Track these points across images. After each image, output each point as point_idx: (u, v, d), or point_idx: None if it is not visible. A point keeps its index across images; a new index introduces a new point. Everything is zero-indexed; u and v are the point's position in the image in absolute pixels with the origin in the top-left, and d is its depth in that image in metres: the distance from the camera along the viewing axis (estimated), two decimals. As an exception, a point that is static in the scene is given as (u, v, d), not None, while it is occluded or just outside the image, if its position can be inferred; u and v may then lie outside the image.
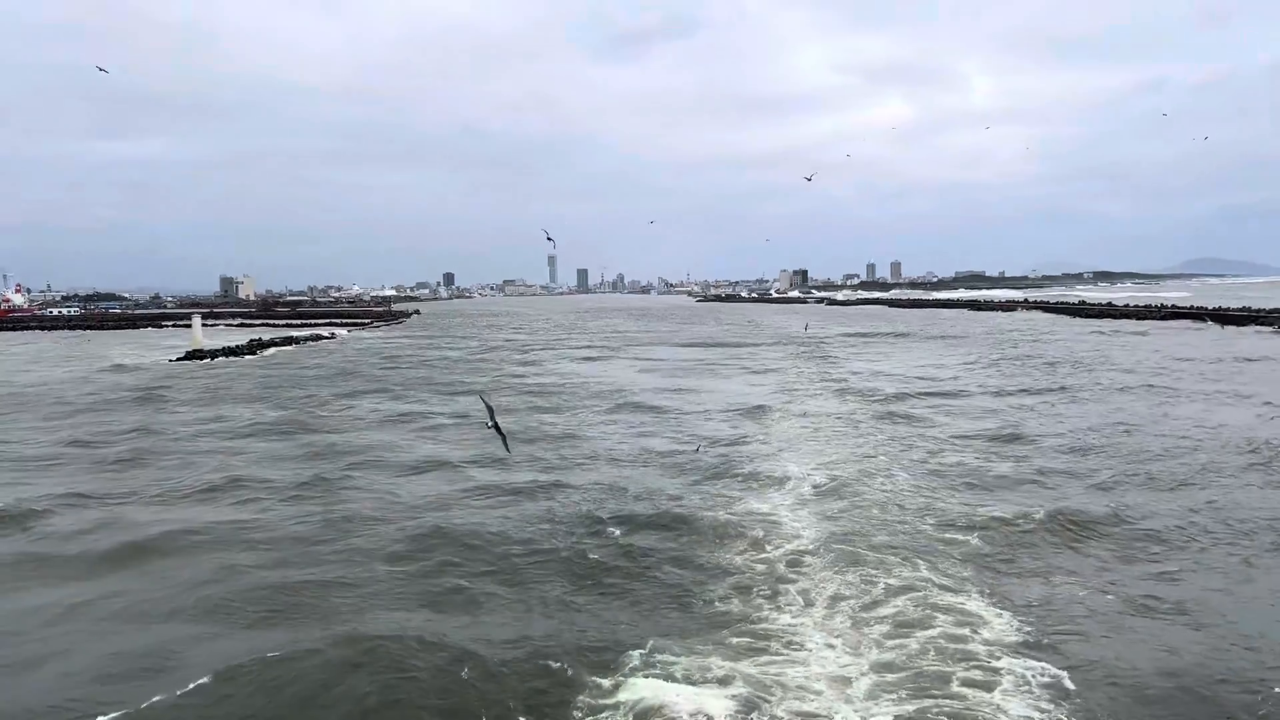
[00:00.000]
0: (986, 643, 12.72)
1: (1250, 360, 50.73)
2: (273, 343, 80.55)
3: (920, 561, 16.13)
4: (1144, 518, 18.77)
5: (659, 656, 12.36)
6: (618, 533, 18.33)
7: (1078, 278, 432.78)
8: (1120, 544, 17.28)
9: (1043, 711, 10.79)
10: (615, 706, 11.07)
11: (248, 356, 69.74)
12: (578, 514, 19.86)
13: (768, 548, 17.23)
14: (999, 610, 13.88)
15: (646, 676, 11.79)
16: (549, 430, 31.74)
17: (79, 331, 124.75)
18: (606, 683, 11.65)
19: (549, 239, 48.50)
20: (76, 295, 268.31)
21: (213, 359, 66.17)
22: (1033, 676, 11.64)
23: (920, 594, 14.59)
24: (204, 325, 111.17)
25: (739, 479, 23.23)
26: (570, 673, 11.94)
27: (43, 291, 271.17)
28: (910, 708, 10.92)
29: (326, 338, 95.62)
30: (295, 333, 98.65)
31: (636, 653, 12.45)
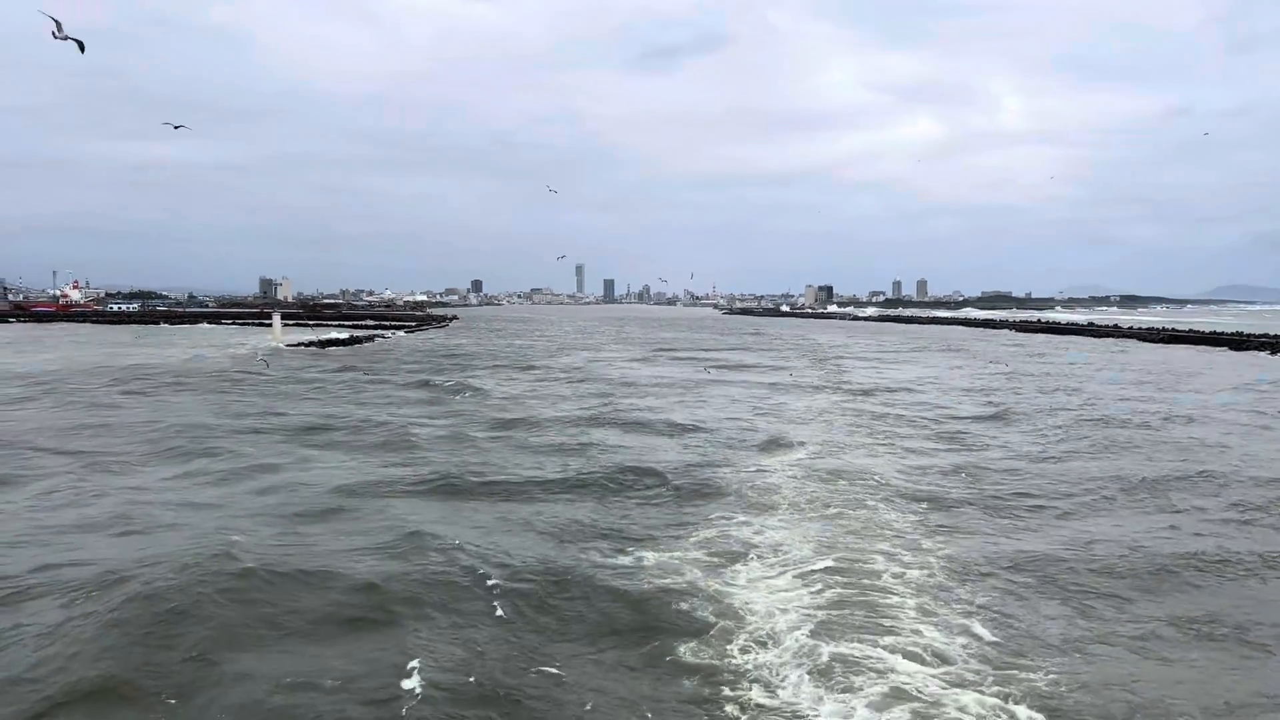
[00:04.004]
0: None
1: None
2: (337, 341, 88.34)
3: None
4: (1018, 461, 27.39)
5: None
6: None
7: (1104, 301, 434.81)
8: (1001, 477, 25.63)
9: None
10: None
11: (341, 348, 79.85)
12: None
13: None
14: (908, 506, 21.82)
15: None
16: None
17: (146, 325, 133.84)
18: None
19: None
20: (120, 293, 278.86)
21: (322, 347, 77.65)
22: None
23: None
24: (253, 325, 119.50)
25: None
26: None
27: (82, 290, 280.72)
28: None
29: (385, 337, 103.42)
30: (356, 332, 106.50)
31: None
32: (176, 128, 39.08)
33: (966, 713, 11.34)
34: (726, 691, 11.98)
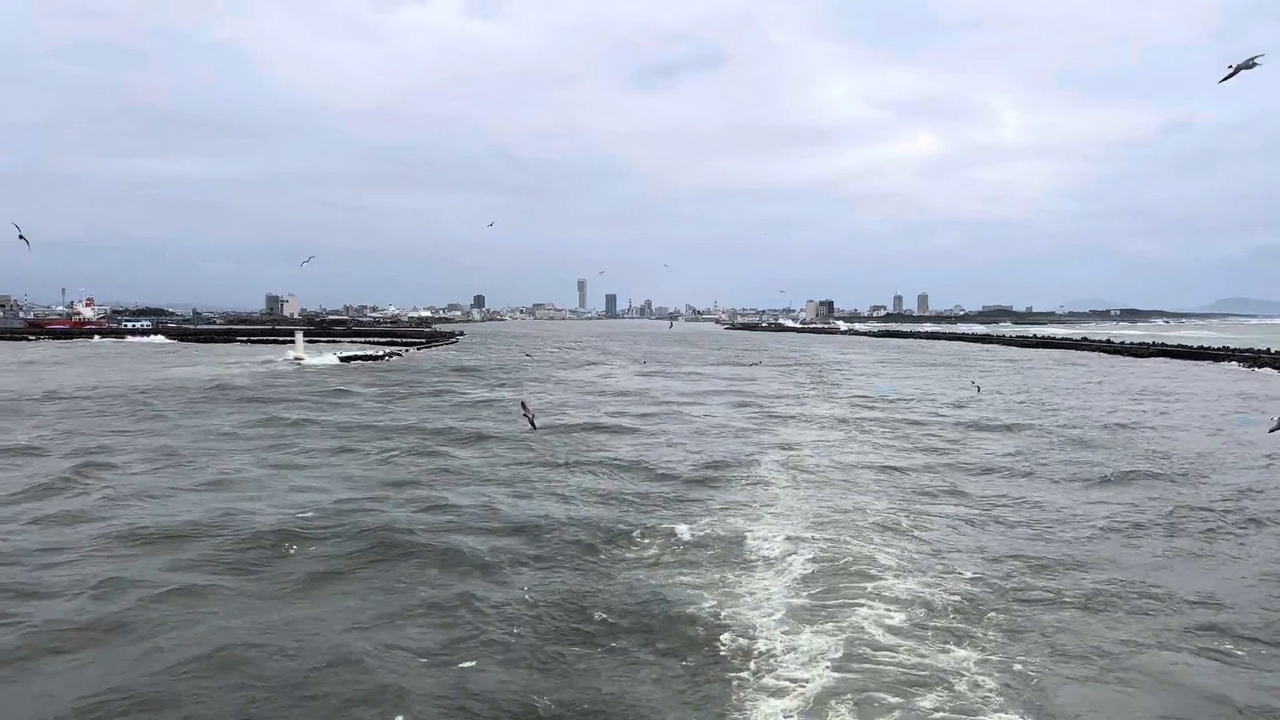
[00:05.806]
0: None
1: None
2: (358, 357, 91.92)
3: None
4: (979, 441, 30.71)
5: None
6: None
7: (1105, 315, 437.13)
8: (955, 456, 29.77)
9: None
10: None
11: (364, 363, 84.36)
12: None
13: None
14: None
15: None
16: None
17: (169, 341, 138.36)
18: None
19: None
20: (129, 310, 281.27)
21: (346, 363, 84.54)
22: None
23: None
24: (269, 342, 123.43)
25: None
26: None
27: (94, 307, 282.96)
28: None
29: (400, 354, 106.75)
30: (370, 349, 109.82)
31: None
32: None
33: (925, 643, 14.78)
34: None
